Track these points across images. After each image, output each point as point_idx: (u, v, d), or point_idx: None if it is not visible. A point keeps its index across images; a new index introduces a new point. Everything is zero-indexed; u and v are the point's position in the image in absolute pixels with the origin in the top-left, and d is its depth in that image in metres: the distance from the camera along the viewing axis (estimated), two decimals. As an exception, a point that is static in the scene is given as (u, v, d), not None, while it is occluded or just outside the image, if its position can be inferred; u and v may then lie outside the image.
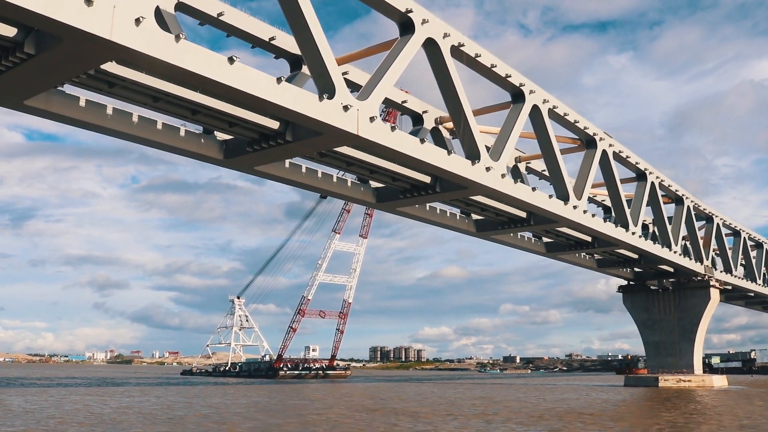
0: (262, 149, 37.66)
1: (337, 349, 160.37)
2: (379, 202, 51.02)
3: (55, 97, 31.69)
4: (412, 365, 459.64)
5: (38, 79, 27.65)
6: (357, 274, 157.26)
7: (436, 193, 47.98)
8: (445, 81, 42.76)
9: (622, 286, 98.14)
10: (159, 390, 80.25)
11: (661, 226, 77.37)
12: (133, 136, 35.12)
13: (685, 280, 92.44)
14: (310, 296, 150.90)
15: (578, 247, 72.22)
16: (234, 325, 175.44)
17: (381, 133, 36.69)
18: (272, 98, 30.39)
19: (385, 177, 46.36)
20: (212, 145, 39.29)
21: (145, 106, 32.99)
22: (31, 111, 31.32)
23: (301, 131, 36.44)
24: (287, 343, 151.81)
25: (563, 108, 56.63)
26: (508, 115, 50.60)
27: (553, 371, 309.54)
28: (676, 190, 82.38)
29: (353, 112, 34.78)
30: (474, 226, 62.24)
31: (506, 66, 49.12)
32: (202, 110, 33.70)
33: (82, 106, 32.74)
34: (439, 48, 41.83)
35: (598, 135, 62.64)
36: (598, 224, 61.24)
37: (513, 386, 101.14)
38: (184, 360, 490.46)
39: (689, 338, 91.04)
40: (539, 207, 52.16)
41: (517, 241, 69.82)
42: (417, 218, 56.47)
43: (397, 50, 38.65)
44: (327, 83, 33.52)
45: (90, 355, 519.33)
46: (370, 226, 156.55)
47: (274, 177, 43.62)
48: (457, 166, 42.80)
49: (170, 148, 37.21)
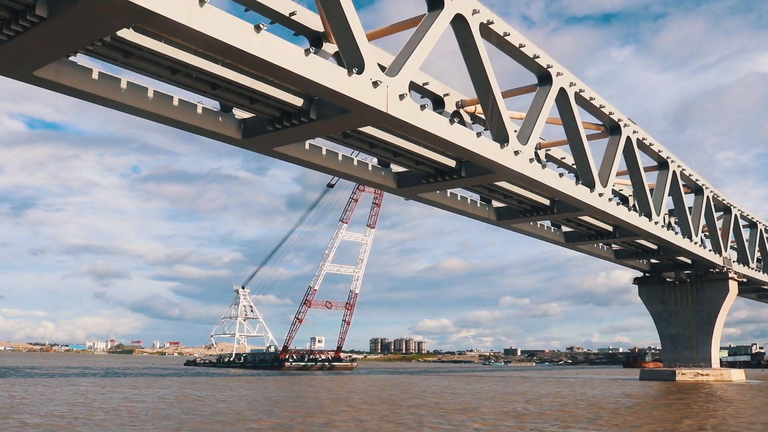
0: (284, 128, 35.58)
1: (343, 340, 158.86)
2: (400, 187, 48.98)
3: (67, 68, 29.62)
4: (415, 357, 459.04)
5: (50, 46, 25.56)
6: (364, 265, 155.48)
7: (461, 178, 45.95)
8: (473, 60, 40.65)
9: (637, 278, 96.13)
10: (175, 381, 78.52)
11: (682, 217, 75.29)
12: (147, 113, 33.06)
13: (702, 272, 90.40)
14: (317, 286, 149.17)
15: (599, 236, 70.20)
16: (238, 315, 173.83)
17: (411, 111, 34.63)
18: (299, 70, 28.32)
19: (408, 160, 44.30)
20: (230, 123, 37.24)
21: (162, 79, 30.91)
22: (41, 83, 29.25)
23: (326, 109, 34.39)
24: (293, 334, 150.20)
25: (590, 92, 54.50)
26: (535, 97, 48.52)
27: (558, 364, 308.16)
28: (696, 180, 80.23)
29: (383, 89, 32.72)
30: (495, 214, 60.21)
31: (534, 46, 47.02)
32: (222, 84, 31.63)
33: (95, 78, 30.67)
34: (468, 25, 39.72)
35: (623, 121, 60.50)
36: (623, 213, 59.19)
37: (529, 380, 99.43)
38: (185, 350, 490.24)
39: (707, 331, 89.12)
40: (566, 194, 50.08)
41: (536, 230, 67.78)
42: (437, 205, 54.44)
43: (426, 26, 36.55)
44: (356, 57, 31.44)
45: (91, 344, 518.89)
46: (378, 216, 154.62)
47: (293, 159, 41.56)
48: (487, 149, 40.75)
49: (187, 125, 35.15)
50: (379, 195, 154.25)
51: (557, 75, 49.35)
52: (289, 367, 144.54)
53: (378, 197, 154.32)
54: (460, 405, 44.73)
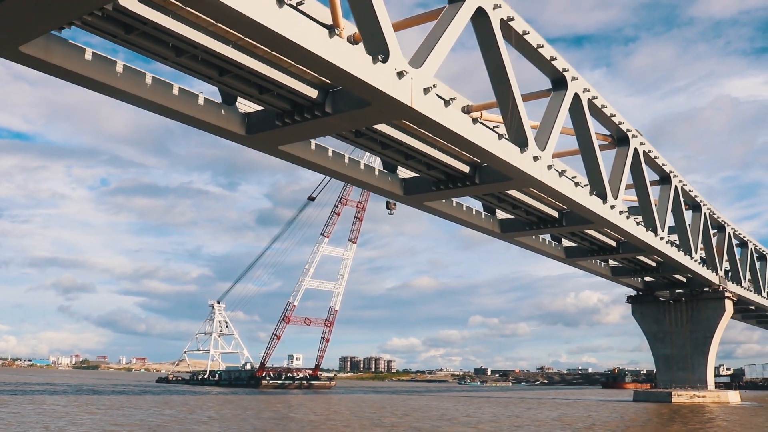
0: (295, 123, 32.36)
1: (322, 358, 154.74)
2: (407, 194, 45.91)
3: (57, 46, 26.14)
4: (387, 376, 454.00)
5: (42, 14, 22.12)
6: (345, 280, 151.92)
7: (474, 185, 43.06)
8: (493, 58, 37.96)
9: (631, 296, 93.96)
10: (150, 400, 73.97)
11: (683, 233, 73.33)
12: (145, 101, 29.64)
13: (697, 291, 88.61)
14: (296, 302, 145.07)
15: (601, 252, 67.79)
16: (213, 331, 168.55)
17: (435, 107, 31.69)
18: (323, 53, 25.21)
19: (419, 164, 41.29)
20: (234, 117, 33.91)
21: (166, 61, 27.53)
22: (27, 61, 25.71)
23: (343, 102, 31.27)
24: (271, 351, 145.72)
25: (601, 100, 52.24)
26: (550, 102, 46.04)
27: (534, 384, 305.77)
28: (695, 196, 78.62)
29: (407, 81, 29.75)
30: (498, 227, 57.41)
31: (551, 48, 44.62)
32: (232, 69, 28.34)
33: (88, 59, 27.21)
34: (489, 20, 37.10)
35: (632, 132, 58.42)
36: (632, 227, 56.80)
37: (520, 401, 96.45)
38: (151, 366, 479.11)
39: (702, 352, 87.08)
40: (581, 204, 47.50)
41: (537, 245, 65.13)
42: (442, 215, 51.44)
43: (447, 19, 33.79)
44: (380, 44, 28.43)
45: (55, 359, 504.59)
46: (359, 230, 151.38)
47: (299, 160, 38.29)
48: (508, 152, 37.96)
49: (186, 117, 31.74)
50: (361, 209, 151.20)
51: (572, 80, 46.96)
52: (266, 385, 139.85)
53: (360, 211, 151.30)
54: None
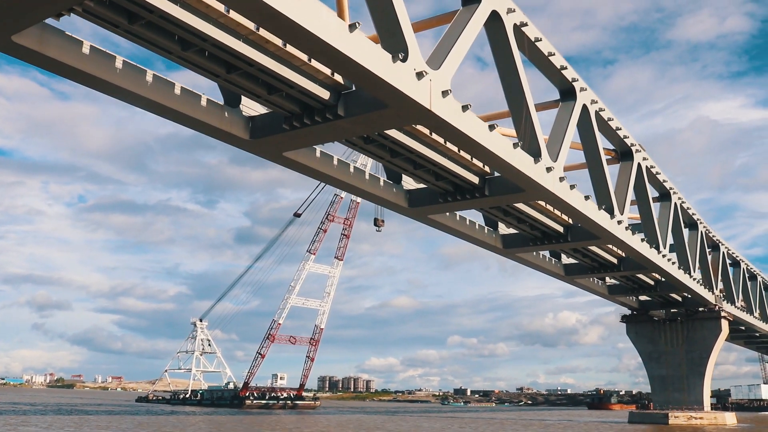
0: (303, 126, 30.46)
1: (307, 377, 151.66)
2: (411, 206, 44.08)
3: (53, 37, 24.10)
4: (368, 396, 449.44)
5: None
6: (331, 298, 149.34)
7: (483, 197, 41.35)
8: (506, 64, 36.51)
9: (625, 315, 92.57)
10: (133, 420, 70.84)
11: (681, 251, 72.25)
12: (144, 99, 27.60)
13: (693, 311, 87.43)
14: (281, 320, 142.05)
15: (601, 269, 66.28)
16: (195, 349, 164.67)
17: (454, 111, 29.98)
18: (343, 47, 23.43)
19: (428, 174, 39.51)
20: (237, 120, 31.93)
21: (170, 56, 25.55)
22: (21, 53, 23.64)
23: (356, 104, 29.45)
24: (255, 370, 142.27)
25: (608, 112, 51.05)
26: (559, 113, 44.68)
27: (518, 404, 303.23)
28: (693, 214, 77.82)
29: (426, 82, 28.04)
30: (501, 242, 55.71)
31: (561, 57, 43.34)
32: (241, 66, 26.42)
33: (86, 53, 25.19)
34: (503, 25, 35.69)
35: (635, 146, 57.31)
36: (637, 244, 55.38)
37: (510, 422, 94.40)
38: (128, 385, 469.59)
39: (699, 372, 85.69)
40: (590, 219, 45.92)
41: (538, 261, 63.51)
42: (444, 228, 49.60)
43: (461, 22, 32.28)
44: (399, 42, 26.74)
45: (28, 378, 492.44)
46: (346, 248, 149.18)
47: (303, 167, 36.32)
48: (523, 162, 36.32)
49: (188, 119, 29.74)
50: (348, 226, 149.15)
51: (581, 90, 45.70)
52: (249, 405, 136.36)
53: (347, 228, 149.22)
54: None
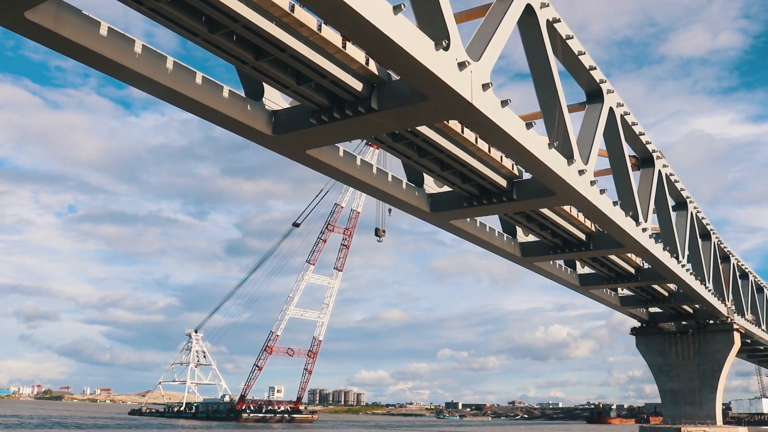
0: (332, 121, 28.41)
1: (304, 390, 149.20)
2: (434, 211, 42.06)
3: (69, 16, 22.06)
4: (361, 409, 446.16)
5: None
6: (329, 310, 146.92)
7: (511, 200, 39.39)
8: (539, 61, 34.73)
9: (635, 328, 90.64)
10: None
11: (696, 262, 70.43)
12: (164, 88, 25.53)
13: (704, 323, 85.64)
14: (279, 332, 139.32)
15: (618, 279, 64.29)
16: (190, 361, 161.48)
17: (494, 106, 28.06)
18: (387, 29, 21.52)
19: (454, 176, 37.49)
20: (260, 114, 29.88)
21: (196, 38, 23.50)
22: (34, 32, 21.57)
23: (391, 97, 27.39)
24: (251, 383, 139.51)
25: (632, 117, 49.38)
26: (586, 116, 42.97)
27: (515, 419, 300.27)
28: (707, 224, 76.12)
29: (467, 74, 26.12)
30: (519, 250, 53.72)
31: (590, 57, 41.66)
32: (272, 52, 24.37)
33: (103, 34, 23.16)
34: (537, 20, 33.95)
35: (657, 153, 55.66)
36: (660, 253, 53.54)
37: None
38: (117, 397, 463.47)
39: (711, 385, 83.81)
40: (619, 226, 44.04)
41: (554, 270, 61.48)
42: (464, 235, 47.53)
43: (497, 14, 30.47)
44: (440, 29, 24.87)
45: (15, 389, 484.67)
46: (346, 258, 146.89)
47: (326, 167, 34.25)
48: (557, 164, 34.44)
49: (210, 111, 27.66)
50: (349, 236, 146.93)
51: (608, 92, 44.03)
52: (246, 418, 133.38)
53: (347, 239, 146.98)
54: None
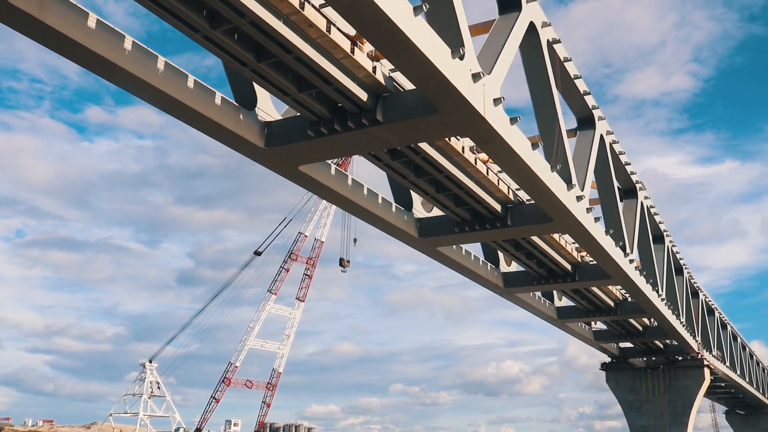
0: (332, 134, 26.51)
1: (262, 424, 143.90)
2: (422, 236, 40.21)
3: (55, 4, 19.87)
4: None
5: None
6: (290, 341, 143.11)
7: (505, 227, 37.80)
8: (539, 83, 33.55)
9: (605, 363, 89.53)
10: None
11: (672, 296, 69.99)
12: (154, 89, 23.27)
13: (674, 358, 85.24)
14: (238, 363, 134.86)
15: (597, 313, 63.16)
16: (143, 392, 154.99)
17: (503, 121, 26.56)
18: (407, 29, 19.87)
19: (448, 199, 35.81)
20: (252, 125, 27.74)
21: (195, 33, 21.46)
22: (16, 18, 19.18)
23: (397, 109, 25.64)
24: (208, 416, 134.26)
25: (620, 146, 48.75)
26: (578, 142, 42.03)
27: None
28: (680, 259, 76.03)
29: (480, 86, 24.61)
30: (502, 280, 52.16)
31: (583, 82, 40.83)
32: (276, 53, 22.45)
33: (91, 27, 20.98)
34: (539, 39, 32.88)
35: (639, 184, 55.13)
36: (644, 285, 52.60)
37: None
38: (60, 429, 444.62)
39: (681, 422, 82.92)
40: (611, 257, 42.87)
41: (534, 302, 59.98)
42: (449, 262, 45.64)
43: (502, 30, 29.26)
44: (455, 37, 23.35)
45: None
46: (308, 288, 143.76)
47: (317, 185, 32.11)
48: (559, 188, 33.12)
49: (200, 118, 25.41)
50: (312, 266, 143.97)
51: (599, 119, 43.27)
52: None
53: (310, 268, 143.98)
54: None
